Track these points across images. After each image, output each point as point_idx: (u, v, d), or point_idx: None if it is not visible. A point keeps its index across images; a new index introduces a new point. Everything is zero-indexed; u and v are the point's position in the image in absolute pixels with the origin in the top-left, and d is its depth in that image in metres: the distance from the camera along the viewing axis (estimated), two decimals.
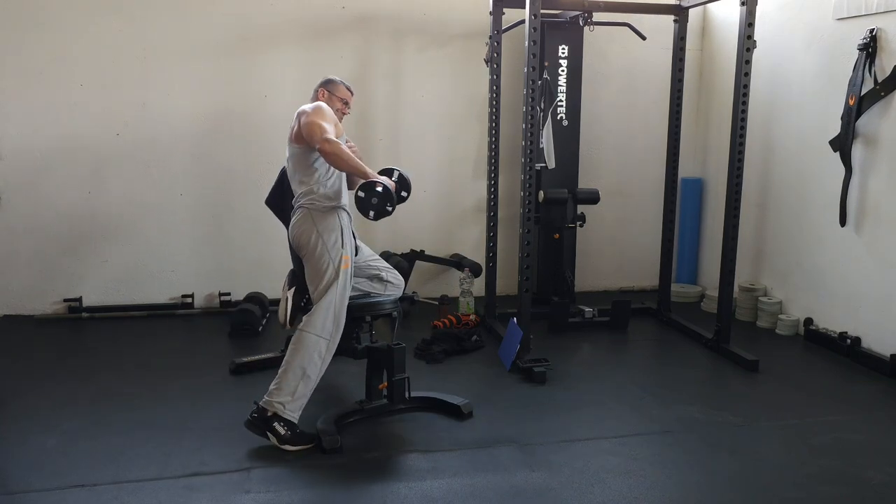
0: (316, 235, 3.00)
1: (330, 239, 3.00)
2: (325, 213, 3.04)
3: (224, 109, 4.66)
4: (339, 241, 3.01)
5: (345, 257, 3.00)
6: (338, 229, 3.03)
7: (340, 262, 2.99)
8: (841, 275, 4.13)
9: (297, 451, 2.87)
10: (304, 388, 2.93)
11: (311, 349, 2.93)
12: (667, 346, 4.33)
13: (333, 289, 2.97)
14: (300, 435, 2.90)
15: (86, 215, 4.59)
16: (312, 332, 2.94)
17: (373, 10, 4.77)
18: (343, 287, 3.00)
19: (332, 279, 2.97)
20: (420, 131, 4.99)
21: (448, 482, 2.69)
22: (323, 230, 3.01)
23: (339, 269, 2.98)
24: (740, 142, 3.92)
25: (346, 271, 3.00)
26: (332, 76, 3.32)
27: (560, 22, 4.75)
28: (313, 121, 2.94)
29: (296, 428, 2.90)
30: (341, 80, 3.30)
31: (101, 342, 4.20)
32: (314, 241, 2.99)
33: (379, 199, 2.93)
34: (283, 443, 2.87)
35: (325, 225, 3.02)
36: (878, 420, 3.28)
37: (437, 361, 3.90)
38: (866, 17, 3.86)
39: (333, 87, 3.26)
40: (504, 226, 4.83)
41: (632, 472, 2.77)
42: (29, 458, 2.82)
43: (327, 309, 2.96)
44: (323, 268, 2.98)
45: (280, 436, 2.88)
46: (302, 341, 2.94)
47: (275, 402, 2.90)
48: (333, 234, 3.02)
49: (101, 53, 4.47)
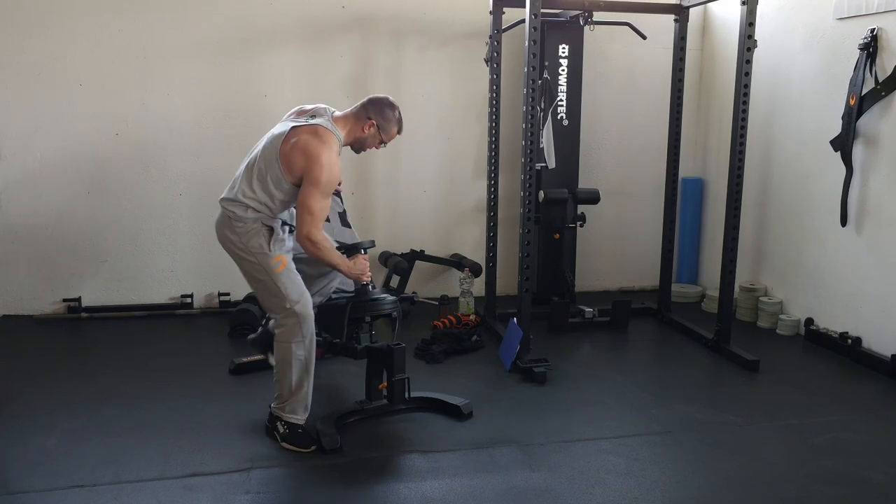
0: (241, 245, 2.87)
1: (256, 246, 2.85)
2: (248, 222, 2.86)
3: (224, 109, 4.65)
4: (266, 247, 2.85)
5: (276, 259, 2.85)
6: (263, 235, 2.86)
7: (272, 265, 2.85)
8: (842, 275, 4.13)
9: (296, 451, 2.89)
10: (298, 390, 2.94)
11: (289, 355, 2.90)
12: (667, 347, 4.33)
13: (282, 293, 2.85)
14: (300, 436, 2.91)
15: (85, 215, 4.59)
16: (284, 341, 2.91)
17: (373, 10, 4.77)
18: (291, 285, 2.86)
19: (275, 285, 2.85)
20: (420, 131, 4.98)
21: (448, 482, 2.69)
22: (247, 239, 2.86)
23: (273, 273, 2.84)
24: (741, 141, 3.92)
25: (282, 273, 2.86)
26: (390, 101, 3.01)
27: (560, 21, 4.74)
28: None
29: (297, 429, 2.92)
30: (399, 117, 3.00)
31: (101, 342, 4.20)
32: (240, 251, 2.88)
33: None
34: (283, 440, 2.93)
35: (248, 233, 2.86)
36: (879, 420, 3.28)
37: (437, 361, 3.89)
38: (867, 17, 3.85)
39: (386, 126, 2.97)
40: (504, 226, 4.83)
41: (632, 473, 2.77)
42: (29, 458, 2.82)
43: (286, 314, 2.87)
44: (260, 279, 2.88)
45: (280, 434, 2.93)
46: (279, 351, 2.93)
47: (275, 407, 2.98)
48: (260, 239, 2.86)
49: (101, 53, 4.46)
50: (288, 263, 2.90)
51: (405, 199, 5.03)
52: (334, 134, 2.86)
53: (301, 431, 2.92)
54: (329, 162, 2.78)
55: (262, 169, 2.86)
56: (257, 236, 2.86)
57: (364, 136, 2.98)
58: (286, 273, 2.87)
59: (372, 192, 4.97)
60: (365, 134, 2.97)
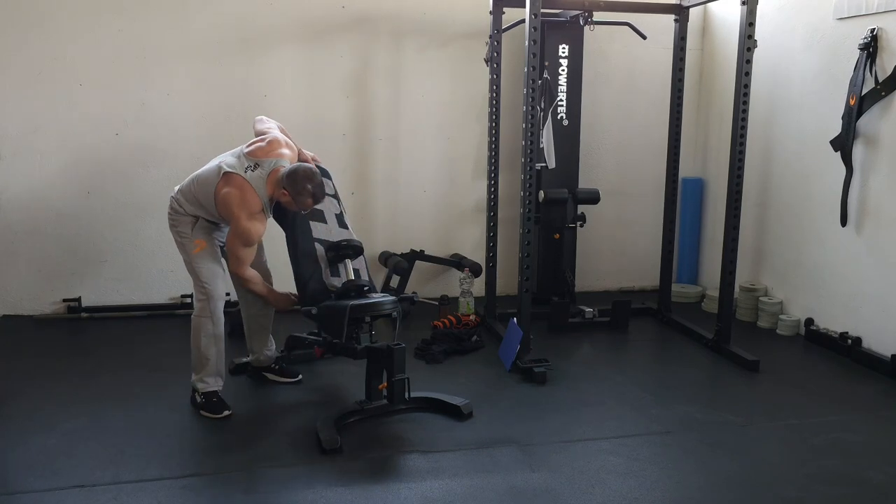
0: (175, 233, 3.29)
1: (183, 233, 3.26)
2: (181, 215, 3.27)
3: (224, 109, 4.65)
4: (189, 232, 3.23)
5: (195, 242, 3.22)
6: (189, 224, 3.24)
7: (191, 246, 3.23)
8: (842, 275, 4.13)
9: (212, 417, 3.18)
10: (207, 361, 3.24)
11: (199, 329, 3.25)
12: (667, 347, 4.32)
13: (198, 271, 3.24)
14: (215, 404, 3.22)
15: (85, 215, 4.59)
16: (197, 316, 3.27)
17: (373, 10, 4.77)
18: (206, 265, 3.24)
19: (192, 264, 3.25)
20: (420, 131, 4.99)
21: (448, 482, 2.69)
22: (179, 226, 3.27)
23: (192, 255, 3.23)
24: (741, 141, 3.92)
25: (200, 254, 3.23)
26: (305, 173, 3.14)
27: (560, 21, 4.74)
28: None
29: (212, 397, 3.24)
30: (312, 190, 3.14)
31: (101, 342, 4.20)
32: (175, 238, 3.29)
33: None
34: (200, 409, 3.23)
35: (180, 222, 3.27)
36: (879, 420, 3.28)
37: (437, 361, 3.89)
38: (867, 17, 3.85)
39: (299, 199, 3.15)
40: (504, 226, 4.83)
41: (632, 473, 2.77)
42: (29, 458, 2.82)
43: (201, 291, 3.24)
44: (185, 259, 3.28)
45: (198, 404, 3.24)
46: (193, 325, 3.27)
47: (193, 380, 3.29)
48: (186, 227, 3.25)
49: (101, 53, 4.46)
50: (206, 247, 3.25)
51: (405, 199, 5.03)
52: (258, 194, 3.14)
53: (216, 400, 3.23)
54: (246, 227, 3.12)
55: (201, 192, 3.23)
56: (185, 226, 3.26)
57: (283, 200, 3.21)
58: (202, 255, 3.24)
59: (372, 192, 4.97)
60: (283, 200, 3.21)
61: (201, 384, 3.26)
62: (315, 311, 3.20)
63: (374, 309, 3.19)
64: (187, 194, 3.26)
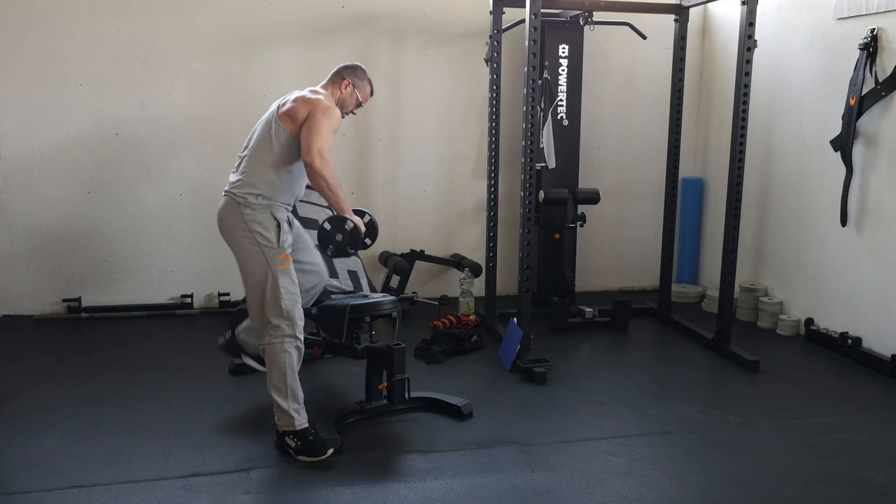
0: (248, 234, 2.80)
1: (263, 237, 2.79)
2: (257, 211, 2.82)
3: (224, 109, 4.65)
4: (275, 241, 2.81)
5: (282, 256, 2.80)
6: (273, 228, 2.82)
7: (278, 261, 2.79)
8: (842, 275, 4.13)
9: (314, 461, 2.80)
10: (294, 396, 2.85)
11: (284, 360, 2.82)
12: (667, 347, 4.32)
13: (279, 293, 2.79)
14: (314, 443, 2.82)
15: (85, 215, 4.59)
16: (275, 343, 2.82)
17: (373, 10, 4.77)
18: (290, 286, 2.83)
19: (275, 285, 2.78)
20: (420, 131, 4.99)
21: (448, 482, 2.69)
22: (255, 227, 2.80)
23: (277, 271, 2.79)
24: (741, 141, 3.92)
25: (286, 272, 2.81)
26: (360, 65, 3.13)
27: (560, 21, 4.74)
28: (317, 125, 2.75)
29: (308, 436, 2.82)
30: (369, 77, 3.12)
31: (101, 342, 4.20)
32: (245, 241, 2.81)
33: (343, 238, 2.84)
34: (299, 454, 2.82)
35: (257, 222, 2.80)
36: (879, 420, 3.28)
37: (437, 361, 3.89)
38: (867, 17, 3.85)
39: (360, 85, 3.08)
40: (504, 226, 4.83)
41: (632, 473, 2.77)
42: (29, 458, 2.82)
43: (280, 317, 2.81)
44: (260, 275, 2.80)
45: (293, 448, 2.83)
46: (268, 355, 2.84)
47: (278, 422, 2.87)
48: (269, 232, 2.81)
49: (101, 53, 4.46)
50: (291, 264, 2.86)
51: (405, 199, 5.03)
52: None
53: (312, 438, 2.82)
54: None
55: (259, 140, 2.91)
56: (266, 228, 2.80)
57: (342, 95, 3.05)
58: (288, 273, 2.84)
59: (372, 192, 4.97)
60: (343, 94, 3.05)
61: (293, 425, 2.81)
62: (315, 311, 3.20)
63: (374, 309, 3.20)
64: (253, 171, 2.83)
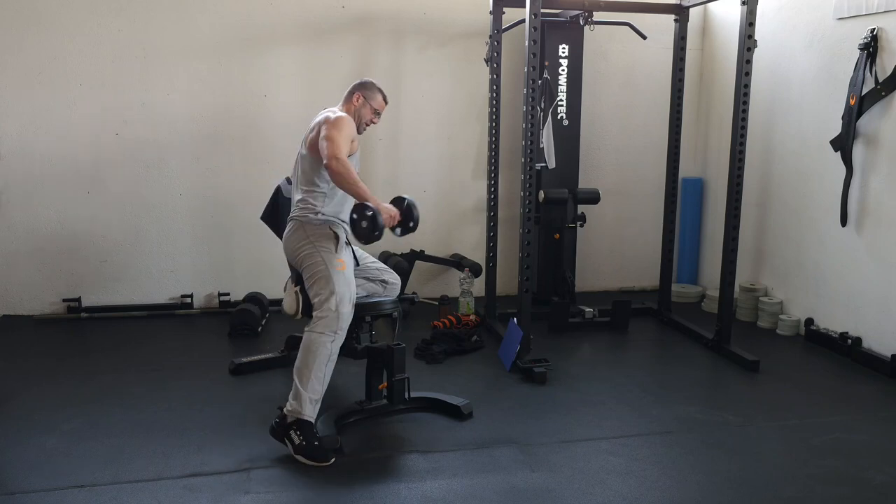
0: (309, 244, 3.02)
1: (323, 245, 3.01)
2: (318, 226, 3.06)
3: (224, 109, 4.65)
4: (333, 249, 3.01)
5: (339, 260, 3.00)
6: (332, 239, 3.04)
7: (335, 263, 2.98)
8: (841, 275, 4.13)
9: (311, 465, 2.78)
10: (321, 388, 2.89)
11: (320, 349, 2.88)
12: (667, 347, 4.32)
13: (332, 288, 2.92)
14: (318, 448, 2.81)
15: (85, 215, 4.59)
16: (317, 331, 2.89)
17: (373, 10, 4.77)
18: (344, 286, 2.96)
19: (330, 279, 2.94)
20: (420, 131, 4.99)
21: (448, 482, 2.69)
22: (316, 239, 3.03)
23: (333, 269, 2.96)
24: (741, 141, 3.91)
25: (341, 273, 2.98)
26: (370, 79, 3.28)
27: (560, 21, 4.74)
28: (329, 135, 2.95)
29: (314, 439, 2.82)
30: (380, 88, 3.26)
31: (101, 342, 4.19)
32: (308, 248, 3.01)
33: (368, 224, 2.91)
34: (297, 453, 2.81)
35: (318, 234, 3.04)
36: (879, 420, 3.27)
37: (437, 361, 3.89)
38: (867, 17, 3.86)
39: (370, 95, 3.23)
40: (504, 226, 4.83)
41: (632, 473, 2.77)
42: (29, 458, 2.82)
43: (329, 307, 2.91)
44: (319, 270, 2.97)
45: (295, 445, 2.82)
46: (310, 343, 2.89)
47: (293, 406, 2.85)
48: (328, 242, 3.03)
49: (101, 53, 4.46)
50: (347, 269, 3.03)
51: None
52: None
53: (318, 443, 2.81)
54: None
55: (302, 168, 3.13)
56: (327, 240, 3.03)
57: (356, 107, 3.21)
58: (344, 275, 3.00)
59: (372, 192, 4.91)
60: (356, 105, 3.21)
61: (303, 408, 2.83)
62: None
63: (374, 309, 3.20)
64: (307, 194, 3.08)
